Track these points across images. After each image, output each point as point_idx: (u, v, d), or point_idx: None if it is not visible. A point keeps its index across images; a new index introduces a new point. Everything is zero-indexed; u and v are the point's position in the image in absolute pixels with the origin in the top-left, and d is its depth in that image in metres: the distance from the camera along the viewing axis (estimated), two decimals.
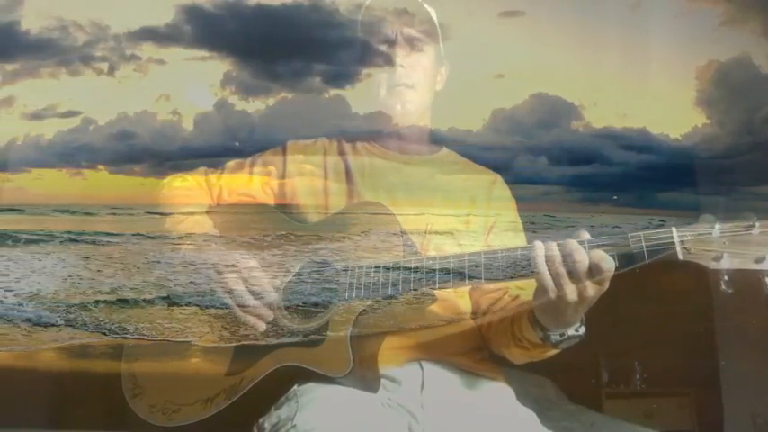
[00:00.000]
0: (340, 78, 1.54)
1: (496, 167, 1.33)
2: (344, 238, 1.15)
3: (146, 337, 1.09)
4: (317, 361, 1.07)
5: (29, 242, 1.17)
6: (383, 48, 1.27)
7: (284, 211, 1.25)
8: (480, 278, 1.02)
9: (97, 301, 1.10)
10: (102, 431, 1.50)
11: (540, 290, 0.98)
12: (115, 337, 1.09)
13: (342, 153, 1.32)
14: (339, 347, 1.07)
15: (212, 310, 1.08)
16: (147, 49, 1.36)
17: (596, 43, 1.60)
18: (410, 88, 1.27)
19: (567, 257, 0.96)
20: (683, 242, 0.93)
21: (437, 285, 1.05)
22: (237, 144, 1.32)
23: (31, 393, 1.48)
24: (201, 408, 1.11)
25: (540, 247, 0.97)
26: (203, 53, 1.39)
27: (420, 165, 1.31)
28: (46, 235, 1.20)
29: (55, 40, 1.44)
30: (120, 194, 1.30)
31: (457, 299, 1.18)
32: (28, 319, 1.11)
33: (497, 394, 1.18)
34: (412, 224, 1.16)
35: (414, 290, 1.06)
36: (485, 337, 1.20)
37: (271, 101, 1.54)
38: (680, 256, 0.93)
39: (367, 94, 1.30)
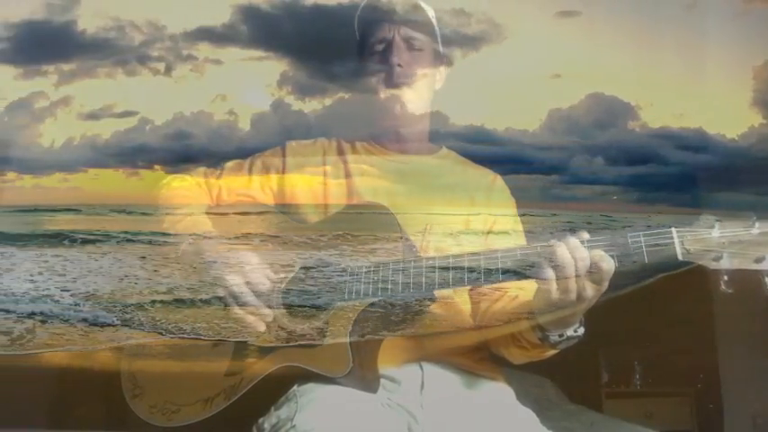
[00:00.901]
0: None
1: (553, 167, 1.34)
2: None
3: (202, 337, 1.08)
4: (316, 361, 1.07)
5: (85, 242, 1.17)
6: (440, 48, 1.27)
7: (284, 211, 1.26)
8: (480, 279, 1.02)
9: (154, 301, 1.09)
10: (102, 431, 1.50)
11: (541, 291, 0.98)
12: (172, 337, 1.08)
13: (341, 153, 1.32)
14: (339, 348, 1.07)
15: (267, 311, 1.08)
16: (203, 49, 1.37)
17: (652, 43, 1.59)
18: (409, 88, 1.27)
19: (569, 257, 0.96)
20: (682, 242, 0.93)
21: (436, 286, 1.05)
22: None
23: (32, 393, 1.48)
24: (201, 408, 1.11)
25: (541, 248, 0.97)
26: (260, 53, 1.40)
27: (420, 164, 1.30)
28: (102, 235, 1.20)
29: (111, 39, 1.45)
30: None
31: (456, 299, 1.18)
32: (84, 320, 1.11)
33: (497, 394, 1.18)
34: (411, 224, 1.15)
35: (413, 290, 1.06)
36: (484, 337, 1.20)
37: (327, 101, 1.54)
38: (679, 257, 0.93)
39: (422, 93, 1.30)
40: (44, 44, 1.52)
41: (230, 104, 1.51)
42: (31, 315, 1.09)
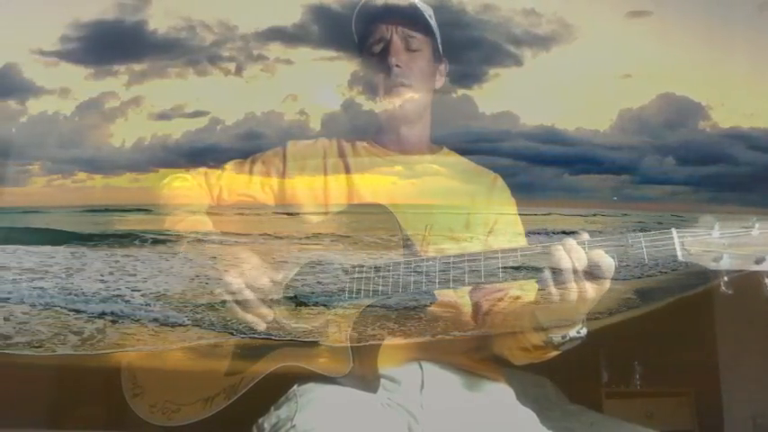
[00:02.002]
0: (467, 78, 1.54)
1: (623, 167, 1.34)
2: (472, 238, 1.14)
3: (273, 338, 1.08)
4: (316, 361, 1.07)
5: (156, 242, 1.18)
6: (511, 48, 1.27)
7: (284, 211, 1.26)
8: (480, 279, 1.02)
9: (224, 301, 1.09)
10: (102, 431, 1.50)
11: (542, 291, 0.98)
12: (242, 337, 1.08)
13: (342, 153, 1.32)
14: (339, 348, 1.07)
15: (340, 310, 1.07)
16: (274, 49, 1.36)
17: (723, 43, 1.58)
18: (408, 88, 1.26)
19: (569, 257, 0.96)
20: (682, 243, 0.93)
21: (437, 286, 1.05)
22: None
23: (32, 393, 1.49)
24: (201, 408, 1.11)
25: (542, 249, 0.97)
26: (331, 53, 1.39)
27: (420, 164, 1.30)
28: (173, 235, 1.20)
29: (182, 39, 1.45)
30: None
31: (457, 300, 1.18)
32: (155, 319, 1.12)
33: (497, 394, 1.18)
34: (412, 224, 1.15)
35: (414, 291, 1.06)
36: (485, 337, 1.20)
37: (398, 101, 1.53)
38: (680, 257, 0.93)
39: (494, 94, 1.31)
40: (115, 44, 1.52)
41: (301, 104, 1.51)
42: (102, 315, 1.11)
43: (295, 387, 1.09)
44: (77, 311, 1.11)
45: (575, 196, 1.27)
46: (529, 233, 1.18)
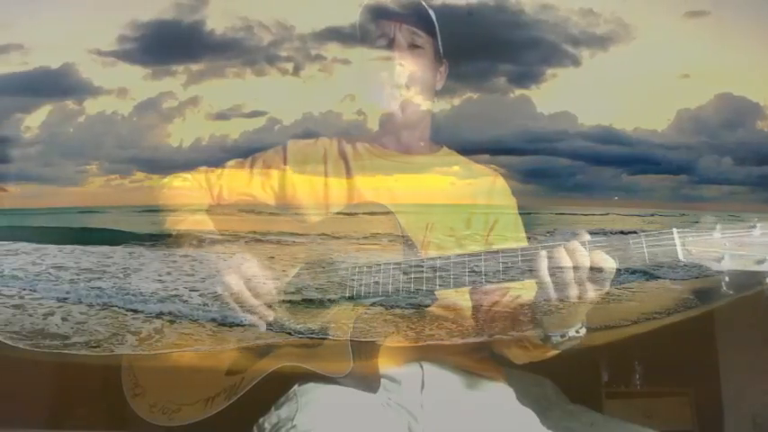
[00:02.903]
0: (525, 78, 1.54)
1: (681, 167, 1.34)
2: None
3: (330, 338, 1.08)
4: (317, 361, 1.07)
5: (213, 242, 1.16)
6: (568, 47, 1.27)
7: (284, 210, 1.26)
8: (481, 279, 1.02)
9: (282, 301, 1.09)
10: (103, 431, 1.50)
11: (542, 291, 0.98)
12: (300, 337, 1.08)
13: (342, 153, 1.32)
14: (339, 348, 1.07)
15: (397, 310, 1.07)
16: (332, 49, 1.35)
17: None
18: (409, 87, 1.26)
19: (573, 259, 0.95)
20: (683, 243, 0.93)
21: (438, 286, 1.05)
22: (422, 144, 1.32)
23: (32, 393, 1.48)
24: (202, 407, 1.11)
25: (542, 250, 0.97)
26: (388, 53, 1.38)
27: (421, 164, 1.30)
28: (231, 235, 1.19)
29: (240, 39, 1.45)
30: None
31: (457, 299, 1.18)
32: (213, 319, 1.12)
33: (497, 394, 1.18)
34: (412, 224, 1.15)
35: (414, 290, 1.06)
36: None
37: (456, 101, 1.52)
38: (681, 258, 0.93)
39: (552, 94, 1.30)
40: (173, 44, 1.52)
41: (359, 104, 1.50)
42: (160, 315, 1.10)
43: (295, 387, 1.09)
44: (135, 311, 1.11)
45: (632, 196, 1.29)
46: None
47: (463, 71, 1.53)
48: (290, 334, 1.08)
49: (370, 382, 1.08)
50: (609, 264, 0.94)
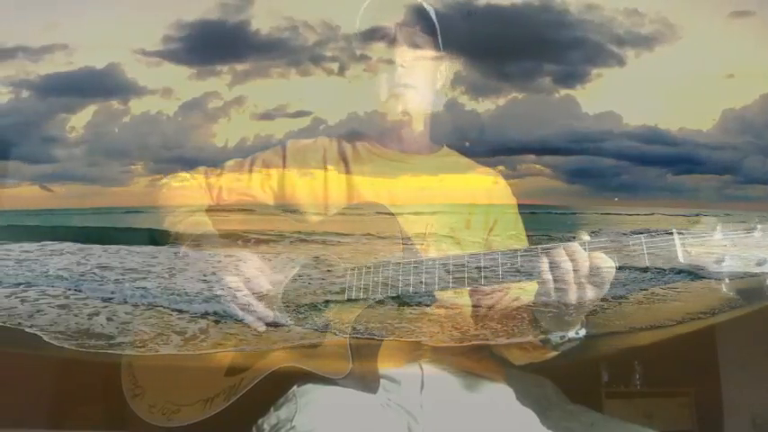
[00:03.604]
0: (570, 78, 1.55)
1: (726, 167, 1.34)
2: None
3: (376, 337, 1.08)
4: (316, 362, 1.07)
5: (259, 242, 1.16)
6: (613, 47, 1.27)
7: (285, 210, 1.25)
8: (480, 280, 1.01)
9: (327, 301, 1.09)
10: (102, 431, 1.50)
11: (542, 292, 0.98)
12: (344, 337, 1.07)
13: (342, 153, 1.32)
14: (338, 348, 1.07)
15: (442, 310, 1.07)
16: (377, 49, 1.34)
17: None
18: (410, 88, 1.26)
19: (573, 260, 0.95)
20: (683, 245, 0.92)
21: (437, 286, 1.05)
22: (467, 144, 1.32)
23: (32, 393, 1.48)
24: (201, 408, 1.11)
25: (542, 257, 0.97)
26: (434, 53, 1.38)
27: (420, 164, 1.30)
28: (276, 235, 1.19)
29: (285, 40, 1.46)
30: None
31: (457, 300, 1.18)
32: (258, 319, 1.10)
33: (497, 394, 1.18)
34: (412, 224, 1.15)
35: (414, 291, 1.06)
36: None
37: (501, 101, 1.53)
38: (681, 259, 0.92)
39: (597, 94, 1.31)
40: (218, 44, 1.53)
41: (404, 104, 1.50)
42: (205, 315, 1.10)
43: (294, 388, 1.09)
44: (180, 311, 1.11)
45: (677, 196, 1.29)
46: (632, 233, 1.18)
47: (508, 71, 1.54)
48: (334, 334, 1.08)
49: (369, 383, 1.08)
50: (608, 264, 0.94)
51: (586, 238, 0.97)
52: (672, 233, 0.93)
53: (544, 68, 1.43)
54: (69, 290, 1.23)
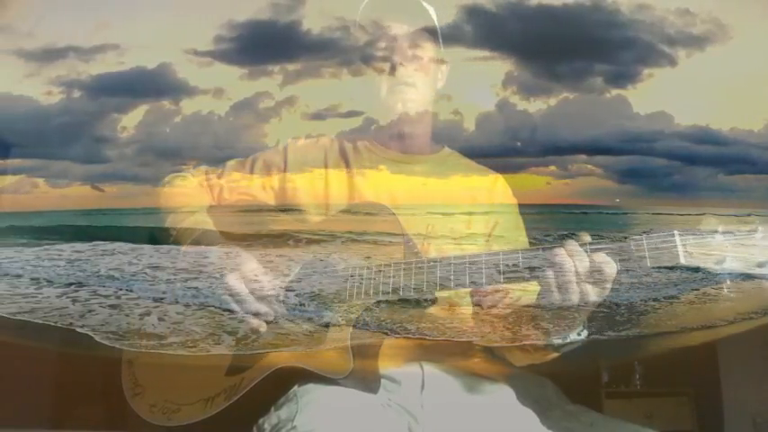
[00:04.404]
0: (622, 78, 1.54)
1: None
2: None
3: (427, 337, 1.08)
4: (317, 362, 1.07)
5: (310, 242, 1.16)
6: (665, 47, 1.27)
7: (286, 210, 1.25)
8: (481, 280, 1.01)
9: (378, 301, 1.09)
10: (103, 431, 1.50)
11: (543, 293, 0.98)
12: (396, 337, 1.08)
13: (343, 153, 1.32)
14: (339, 348, 1.07)
15: (493, 310, 1.07)
16: (428, 49, 1.34)
17: None
18: (411, 87, 1.26)
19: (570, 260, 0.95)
20: (685, 246, 0.92)
21: (438, 287, 1.05)
22: (519, 144, 1.32)
23: (32, 393, 1.48)
24: (201, 408, 1.12)
25: (543, 258, 0.97)
26: (485, 53, 1.38)
27: (421, 164, 1.30)
28: (327, 235, 1.19)
29: (336, 39, 1.44)
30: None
31: (457, 300, 1.18)
32: (309, 319, 1.11)
33: (498, 395, 1.18)
34: (413, 225, 1.15)
35: (416, 291, 1.06)
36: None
37: (552, 101, 1.52)
38: (682, 260, 0.92)
39: (648, 94, 1.31)
40: (269, 44, 1.52)
41: (455, 104, 1.49)
42: (257, 315, 1.09)
43: (295, 388, 1.09)
44: (232, 311, 1.10)
45: (728, 196, 1.29)
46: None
47: (560, 71, 1.54)
48: (386, 333, 1.08)
49: (370, 383, 1.08)
50: (609, 266, 0.94)
51: (587, 239, 0.97)
52: (673, 234, 0.93)
53: (595, 68, 1.44)
54: (120, 290, 1.22)
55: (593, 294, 0.95)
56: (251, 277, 1.09)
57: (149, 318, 1.12)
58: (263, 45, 1.52)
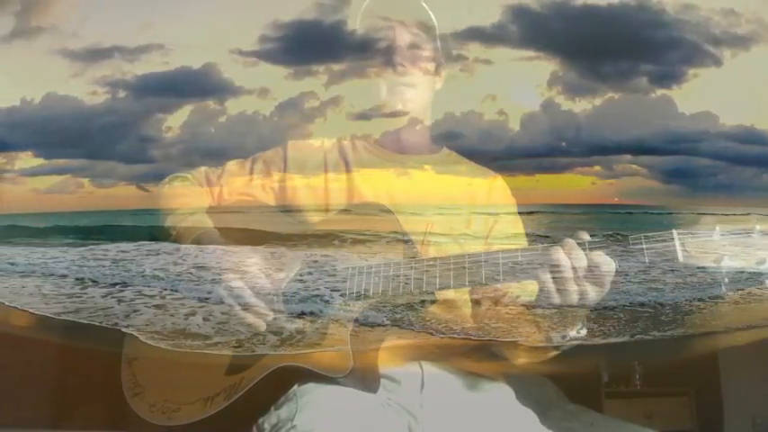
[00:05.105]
0: (667, 78, 1.53)
1: None
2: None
3: (472, 337, 1.09)
4: (317, 361, 1.07)
5: (355, 242, 1.15)
6: (710, 47, 1.27)
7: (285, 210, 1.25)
8: (481, 280, 1.01)
9: (423, 301, 1.09)
10: (103, 431, 1.50)
11: (542, 292, 0.98)
12: (442, 337, 1.08)
13: (342, 153, 1.32)
14: (339, 347, 1.07)
15: (539, 310, 1.05)
16: (473, 49, 1.34)
17: None
18: (410, 87, 1.26)
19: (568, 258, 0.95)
20: (683, 244, 0.93)
21: (437, 287, 1.05)
22: (564, 144, 1.32)
23: (32, 393, 1.48)
24: (201, 407, 1.11)
25: (542, 257, 0.97)
26: (530, 53, 1.37)
27: (420, 165, 1.30)
28: (372, 235, 1.18)
29: (381, 39, 1.42)
30: (446, 194, 1.28)
31: (457, 300, 1.18)
32: (355, 320, 1.11)
33: (497, 394, 1.18)
34: (412, 225, 1.15)
35: (414, 291, 1.06)
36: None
37: (597, 101, 1.51)
38: (680, 258, 0.92)
39: (693, 94, 1.31)
40: (314, 44, 1.51)
41: (500, 104, 1.48)
42: (301, 315, 1.09)
43: (295, 387, 1.09)
44: (276, 311, 1.10)
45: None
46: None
47: (604, 71, 1.53)
48: (431, 334, 1.08)
49: (369, 382, 1.08)
50: (608, 264, 0.94)
51: (586, 237, 0.97)
52: (672, 233, 0.93)
53: (640, 68, 1.44)
54: (165, 290, 1.22)
55: (592, 293, 0.96)
56: (251, 277, 1.10)
57: (194, 318, 1.12)
58: (309, 45, 1.51)
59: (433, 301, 1.11)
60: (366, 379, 1.08)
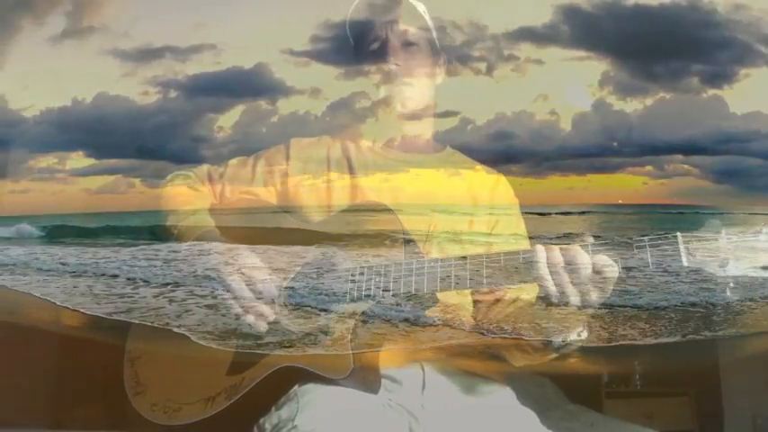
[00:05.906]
0: (718, 78, 1.56)
1: None
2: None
3: (524, 337, 1.08)
4: (317, 362, 1.07)
5: (406, 242, 1.14)
6: (762, 47, 1.26)
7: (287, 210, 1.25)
8: (482, 281, 1.01)
9: (475, 301, 1.08)
10: (103, 430, 1.50)
11: (543, 294, 0.98)
12: (493, 337, 1.07)
13: (345, 152, 1.31)
14: (340, 348, 1.07)
15: (590, 310, 1.03)
16: (525, 49, 1.33)
17: None
18: (408, 86, 1.25)
19: (570, 262, 0.95)
20: (687, 248, 0.92)
21: (439, 287, 1.05)
22: (615, 144, 1.31)
23: (33, 393, 1.48)
24: (202, 407, 1.11)
25: (541, 252, 0.96)
26: (581, 53, 1.38)
27: (423, 164, 1.30)
28: (423, 234, 1.17)
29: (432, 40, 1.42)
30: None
31: (458, 300, 1.18)
32: (406, 320, 1.11)
33: (498, 395, 1.18)
34: (414, 224, 1.15)
35: (416, 291, 1.05)
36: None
37: (648, 101, 1.53)
38: (684, 262, 0.92)
39: (745, 94, 1.30)
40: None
41: (552, 104, 1.50)
42: (353, 315, 1.09)
43: (296, 387, 1.08)
44: (328, 311, 1.10)
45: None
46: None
47: (656, 71, 1.54)
48: (482, 334, 1.08)
49: (370, 383, 1.08)
50: (611, 267, 0.94)
51: (590, 240, 0.97)
52: (676, 235, 0.93)
53: (692, 68, 1.46)
54: (216, 290, 1.22)
55: (594, 295, 0.95)
56: (252, 277, 1.09)
57: (245, 318, 1.11)
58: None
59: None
60: (367, 379, 1.08)
